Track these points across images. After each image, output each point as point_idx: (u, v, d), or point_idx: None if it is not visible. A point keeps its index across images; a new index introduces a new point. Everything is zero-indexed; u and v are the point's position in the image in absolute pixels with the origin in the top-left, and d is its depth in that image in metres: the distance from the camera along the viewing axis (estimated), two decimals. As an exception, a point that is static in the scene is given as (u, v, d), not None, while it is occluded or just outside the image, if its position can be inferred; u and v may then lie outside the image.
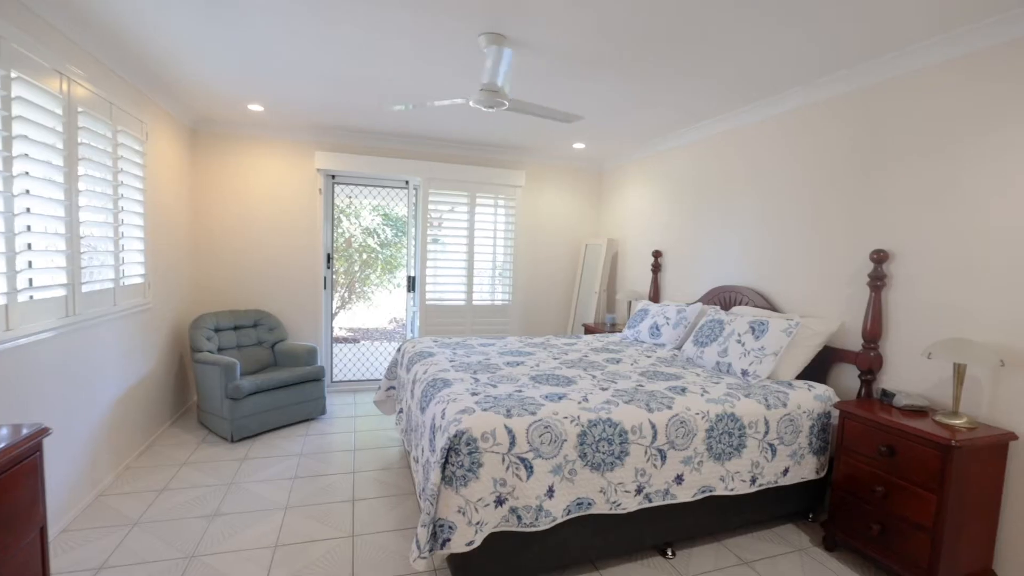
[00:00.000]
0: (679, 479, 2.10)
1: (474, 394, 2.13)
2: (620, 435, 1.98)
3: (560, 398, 2.13)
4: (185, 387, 3.94)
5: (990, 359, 1.94)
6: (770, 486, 2.32)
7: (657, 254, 4.26)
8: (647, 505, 2.05)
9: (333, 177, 4.47)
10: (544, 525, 1.84)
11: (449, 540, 1.72)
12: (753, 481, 2.27)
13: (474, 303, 4.76)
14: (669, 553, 2.23)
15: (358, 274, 9.06)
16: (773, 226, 3.17)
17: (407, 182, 4.68)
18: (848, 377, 2.67)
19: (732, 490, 2.22)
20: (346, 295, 8.93)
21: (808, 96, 2.91)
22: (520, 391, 2.22)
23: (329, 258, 4.50)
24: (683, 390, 2.35)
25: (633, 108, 3.40)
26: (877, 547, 2.11)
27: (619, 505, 1.99)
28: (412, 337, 4.58)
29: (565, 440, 1.90)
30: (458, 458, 1.75)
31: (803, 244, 2.95)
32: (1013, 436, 1.96)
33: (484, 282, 4.85)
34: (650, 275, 4.44)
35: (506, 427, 1.84)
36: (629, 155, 4.72)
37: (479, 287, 4.81)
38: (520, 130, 4.09)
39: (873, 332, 2.47)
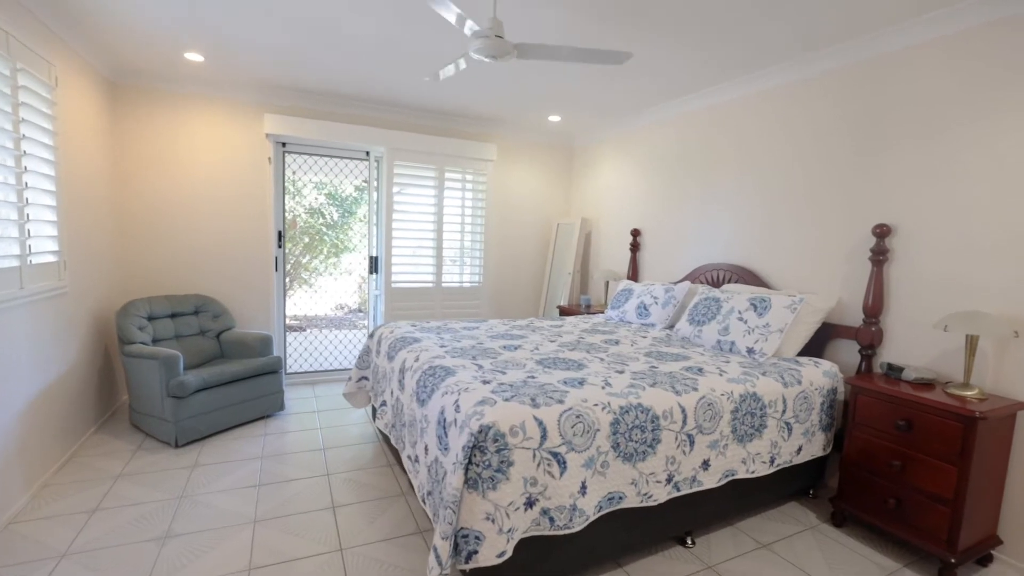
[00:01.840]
0: (705, 464, 1.97)
1: (485, 382, 1.88)
2: (652, 421, 1.81)
3: (580, 383, 1.93)
4: (112, 385, 3.37)
5: (1004, 330, 1.94)
6: (785, 466, 2.26)
7: (636, 233, 4.15)
8: (675, 494, 1.91)
9: (284, 145, 3.97)
10: (578, 526, 1.64)
11: (476, 552, 1.47)
12: (771, 462, 2.19)
13: (443, 285, 4.45)
14: (689, 542, 2.11)
15: (300, 257, 8.40)
16: (763, 203, 3.11)
17: (368, 153, 4.26)
18: (845, 352, 2.66)
19: (753, 472, 2.13)
20: (287, 281, 8.26)
21: (800, 71, 2.85)
22: (533, 377, 1.99)
23: (281, 236, 4.02)
24: (700, 370, 2.22)
25: (616, 76, 3.21)
26: (893, 521, 2.10)
27: (650, 497, 1.83)
28: (380, 323, 4.22)
29: (598, 430, 1.70)
30: (484, 457, 1.51)
31: (796, 221, 2.91)
32: (1022, 405, 1.99)
33: (453, 263, 4.55)
34: (628, 254, 4.32)
35: (535, 418, 1.61)
36: (606, 131, 4.55)
37: (448, 268, 4.51)
38: (493, 99, 3.80)
39: (875, 307, 2.45)
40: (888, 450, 2.12)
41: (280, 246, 4.01)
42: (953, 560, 1.91)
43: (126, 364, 2.96)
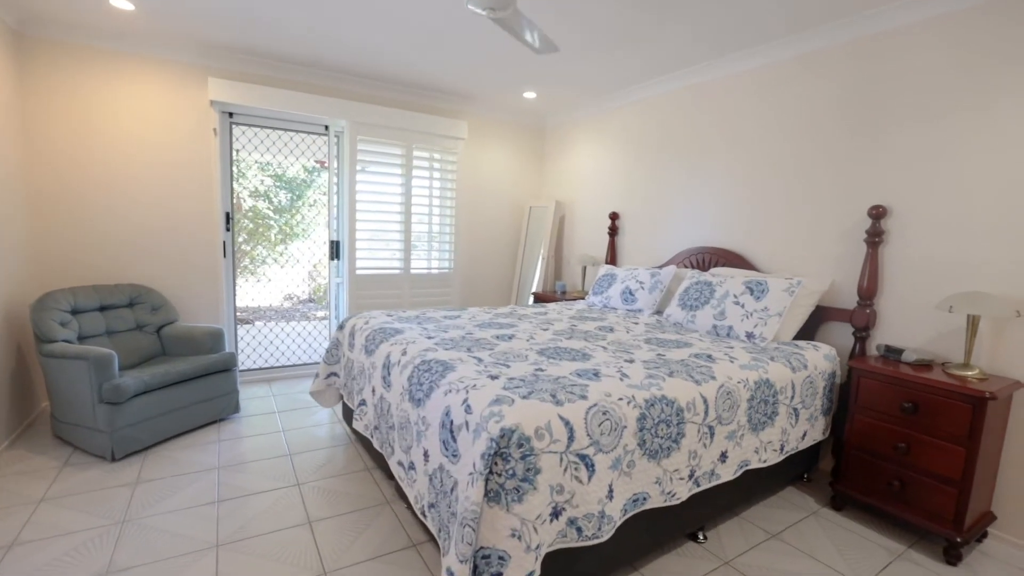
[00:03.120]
0: (723, 457, 1.87)
1: (492, 377, 1.67)
2: (677, 414, 1.67)
3: (596, 375, 1.75)
4: (28, 391, 2.88)
5: (1006, 310, 1.94)
6: (792, 453, 2.20)
7: (614, 216, 4.03)
8: (696, 490, 1.79)
9: (231, 115, 3.52)
10: (607, 534, 1.48)
11: (501, 575, 1.28)
12: (781, 449, 2.13)
13: (412, 272, 4.16)
14: (701, 537, 2.01)
15: (242, 245, 7.77)
16: (752, 186, 3.05)
17: (327, 128, 3.87)
18: (837, 335, 2.65)
19: (765, 462, 2.05)
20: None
21: (792, 49, 2.77)
22: (541, 369, 1.80)
23: (229, 218, 3.59)
24: (710, 357, 2.10)
25: (600, 52, 3.05)
26: (896, 503, 2.08)
27: (674, 495, 1.70)
28: (347, 314, 3.88)
29: (625, 427, 1.53)
30: (508, 465, 1.30)
31: (786, 203, 2.86)
32: (1020, 384, 2.00)
33: (421, 248, 4.26)
34: (605, 239, 4.20)
35: (561, 418, 1.42)
36: (581, 110, 4.37)
37: (415, 254, 4.21)
38: (468, 71, 3.53)
39: (870, 289, 2.43)
40: (893, 433, 2.09)
41: (228, 229, 3.59)
42: (959, 539, 1.91)
43: (45, 366, 2.52)
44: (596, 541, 1.46)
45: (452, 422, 1.52)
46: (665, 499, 1.68)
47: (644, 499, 1.62)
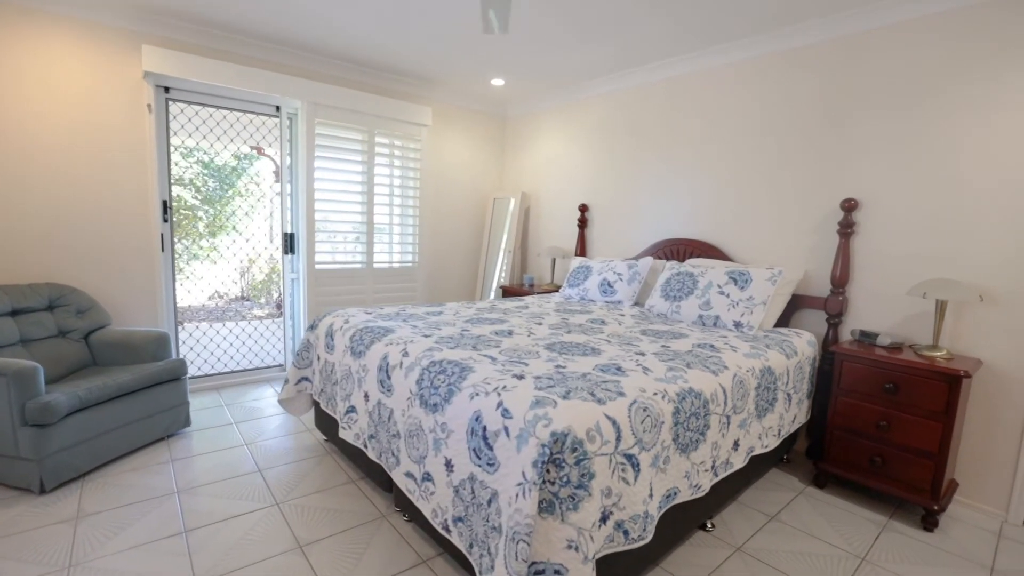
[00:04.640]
0: (736, 445, 1.88)
1: (518, 377, 1.56)
2: (704, 406, 1.65)
3: (619, 370, 1.70)
4: (-85, 416, 2.37)
5: (970, 295, 2.11)
6: (785, 436, 2.28)
7: (584, 208, 4.01)
8: (715, 480, 1.79)
9: (167, 91, 3.10)
10: (650, 535, 1.43)
11: (558, 590, 1.18)
12: (779, 434, 2.19)
13: (375, 266, 3.92)
14: (709, 526, 2.03)
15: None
16: (727, 178, 3.13)
17: (278, 108, 3.53)
18: (809, 322, 2.78)
19: (767, 447, 2.10)
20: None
21: (770, 45, 2.86)
22: (562, 367, 1.72)
23: (167, 207, 3.17)
24: (713, 347, 2.12)
25: (579, 39, 2.99)
26: (878, 478, 2.22)
27: (699, 488, 1.68)
28: (303, 312, 3.57)
29: (663, 422, 1.49)
30: (561, 472, 1.21)
31: (761, 196, 2.96)
32: (980, 363, 2.19)
33: (383, 241, 4.02)
34: (573, 231, 4.18)
35: (608, 417, 1.34)
36: (548, 100, 4.30)
37: (378, 247, 3.96)
38: (434, 52, 3.34)
39: (842, 278, 2.57)
40: (875, 412, 2.22)
41: (166, 220, 3.17)
42: (936, 507, 2.06)
43: (-54, 385, 2.08)
44: (641, 543, 1.40)
45: (485, 428, 1.40)
46: (692, 492, 1.66)
47: (675, 494, 1.59)
